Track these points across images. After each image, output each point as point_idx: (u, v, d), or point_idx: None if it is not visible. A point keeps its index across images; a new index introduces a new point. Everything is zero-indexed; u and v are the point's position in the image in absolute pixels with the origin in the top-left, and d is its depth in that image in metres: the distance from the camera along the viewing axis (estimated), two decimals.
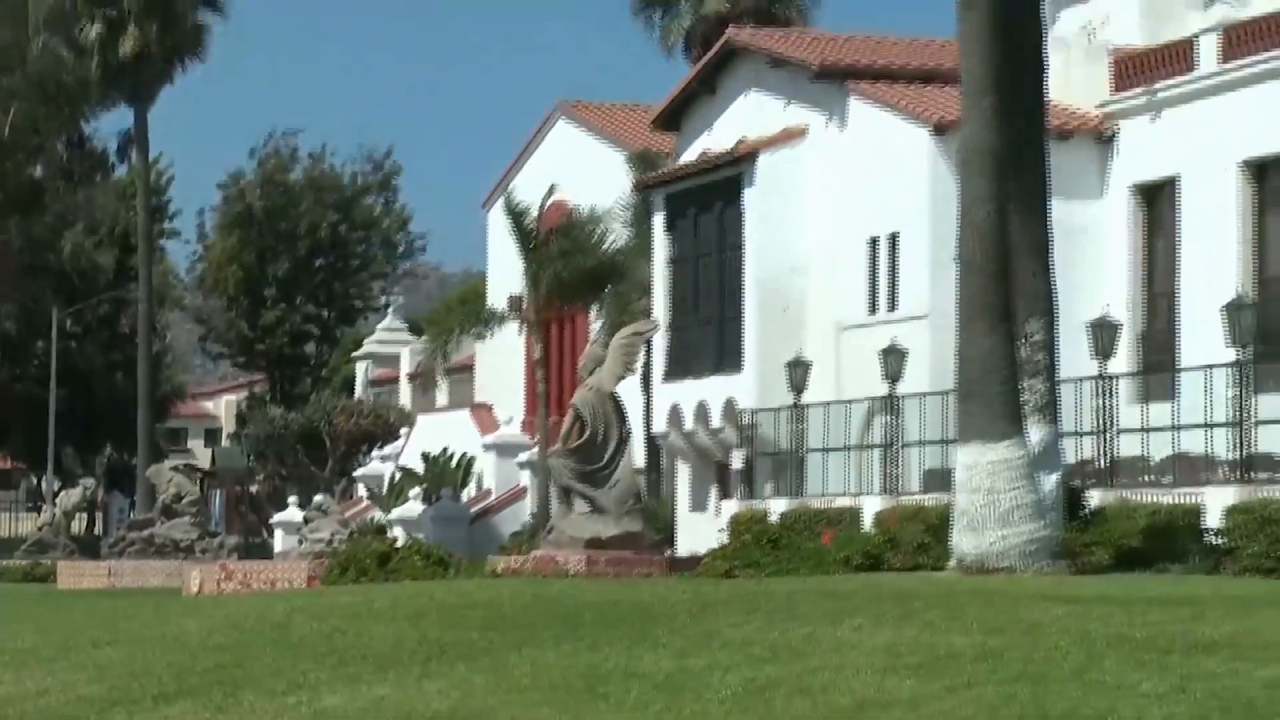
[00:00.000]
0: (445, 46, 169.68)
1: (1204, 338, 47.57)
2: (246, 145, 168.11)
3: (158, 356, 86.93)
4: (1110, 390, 46.34)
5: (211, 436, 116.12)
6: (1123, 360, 49.20)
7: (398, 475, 73.22)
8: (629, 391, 46.14)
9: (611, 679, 15.91)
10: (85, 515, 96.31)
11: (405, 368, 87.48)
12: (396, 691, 16.58)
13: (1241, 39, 50.89)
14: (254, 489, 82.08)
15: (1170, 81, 52.46)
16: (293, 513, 69.76)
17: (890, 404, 50.44)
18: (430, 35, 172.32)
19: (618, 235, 65.09)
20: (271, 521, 74.45)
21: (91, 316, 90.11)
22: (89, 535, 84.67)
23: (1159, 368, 50.89)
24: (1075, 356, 41.75)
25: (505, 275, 70.61)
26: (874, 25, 70.72)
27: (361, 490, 77.97)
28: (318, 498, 60.92)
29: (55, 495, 77.58)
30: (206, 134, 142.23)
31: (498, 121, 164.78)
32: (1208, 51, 51.69)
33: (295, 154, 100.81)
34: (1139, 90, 53.22)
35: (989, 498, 29.28)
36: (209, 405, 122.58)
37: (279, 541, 69.46)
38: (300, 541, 54.92)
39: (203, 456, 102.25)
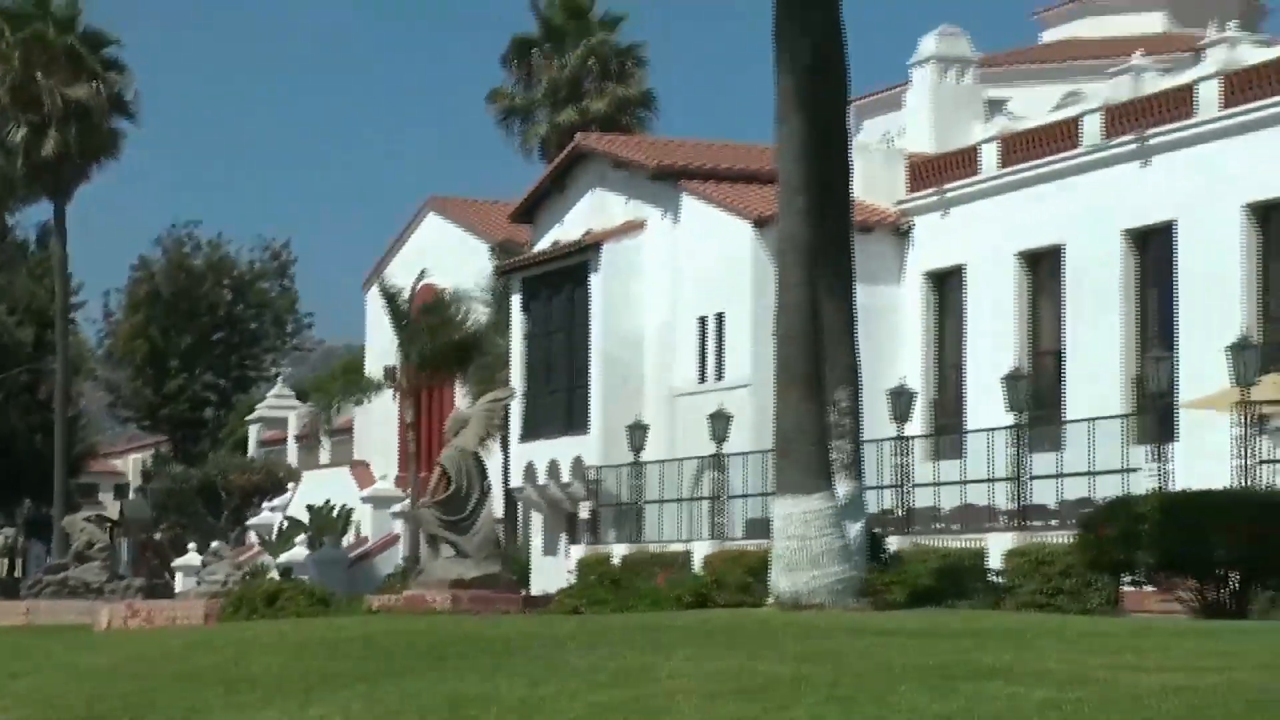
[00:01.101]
0: (331, 147, 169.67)
1: (987, 404, 48.01)
2: (147, 229, 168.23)
3: (72, 420, 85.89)
4: (907, 450, 46.65)
5: (120, 490, 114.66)
6: (917, 423, 49.58)
7: (285, 524, 72.63)
8: (489, 450, 46.06)
9: (473, 704, 15.83)
10: (6, 560, 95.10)
11: (292, 430, 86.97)
12: (282, 717, 16.44)
13: (1018, 147, 51.52)
14: (158, 537, 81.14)
15: (957, 183, 53.04)
16: (192, 557, 69.12)
17: (717, 461, 50.57)
18: (318, 137, 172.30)
19: (480, 314, 65.15)
20: (173, 565, 73.67)
21: (13, 385, 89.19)
22: (9, 578, 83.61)
23: (948, 430, 51.29)
24: (877, 420, 42.00)
25: (381, 349, 70.44)
26: (704, 131, 71.08)
27: (253, 537, 77.27)
28: (214, 544, 60.45)
29: None
30: (110, 218, 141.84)
31: (376, 213, 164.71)
32: (989, 157, 52.28)
33: (196, 242, 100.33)
34: (930, 190, 53.79)
35: (802, 543, 29.30)
36: (118, 463, 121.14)
37: (179, 583, 68.71)
38: (198, 583, 54.43)
39: (112, 508, 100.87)
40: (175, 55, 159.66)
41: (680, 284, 56.01)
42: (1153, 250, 47.62)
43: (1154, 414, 43.12)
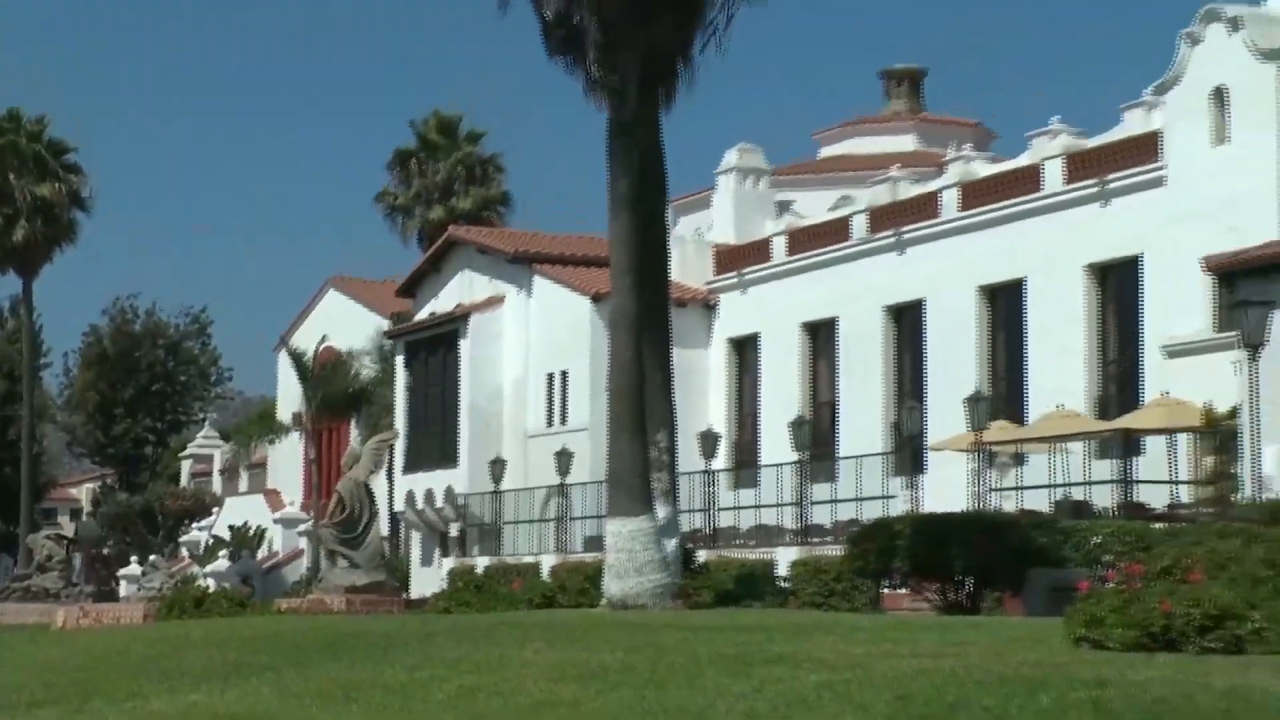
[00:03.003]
0: (252, 233, 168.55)
1: (776, 444, 48.38)
2: (97, 294, 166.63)
3: (36, 456, 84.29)
4: (713, 481, 46.89)
5: (75, 514, 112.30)
6: (721, 459, 49.80)
7: (211, 541, 71.73)
8: (377, 481, 45.76)
9: (362, 687, 15.71)
10: None
11: (217, 464, 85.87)
12: (206, 698, 16.23)
13: (801, 239, 52.03)
14: (105, 551, 79.31)
15: (753, 268, 53.45)
16: (134, 568, 67.88)
17: (562, 490, 50.57)
18: (240, 225, 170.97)
19: (370, 371, 64.79)
20: (118, 575, 72.39)
21: None
22: None
23: (746, 465, 51.58)
24: (689, 457, 42.10)
25: (290, 398, 69.77)
26: (552, 224, 71.22)
27: (184, 552, 76.14)
28: (152, 558, 59.60)
29: None
30: (70, 287, 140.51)
31: (287, 288, 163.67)
32: (779, 247, 52.74)
33: (136, 311, 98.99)
34: (732, 273, 54.14)
35: (629, 556, 29.29)
36: (73, 491, 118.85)
37: (123, 589, 67.40)
38: (139, 589, 53.55)
39: (68, 528, 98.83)
40: (126, 155, 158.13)
41: (532, 347, 56.01)
42: (906, 322, 48.21)
43: (907, 452, 43.61)
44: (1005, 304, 44.97)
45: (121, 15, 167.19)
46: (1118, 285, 41.95)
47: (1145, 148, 40.75)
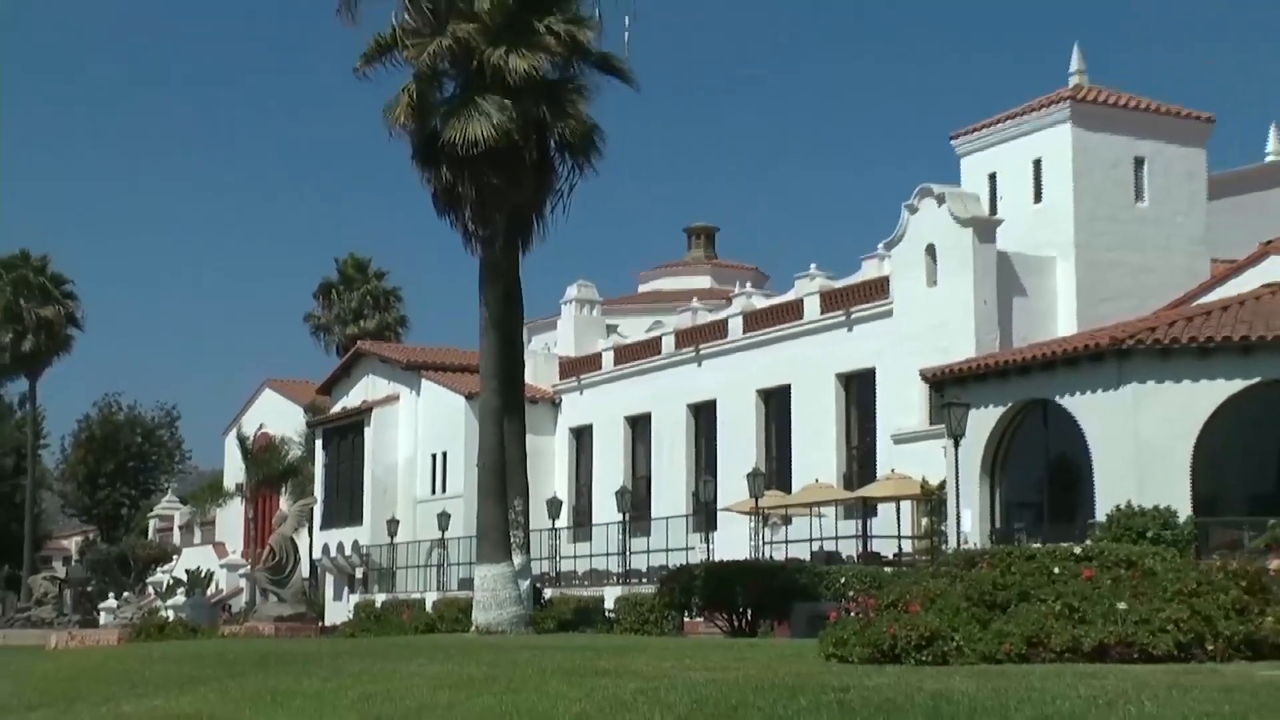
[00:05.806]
0: (208, 338, 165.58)
1: (605, 508, 48.29)
2: (87, 390, 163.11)
3: (36, 516, 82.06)
4: (556, 536, 46.68)
5: (66, 560, 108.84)
6: (564, 519, 49.63)
7: (172, 581, 69.98)
8: (301, 535, 44.98)
9: (285, 694, 15.34)
10: None
11: (177, 522, 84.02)
12: (164, 703, 15.75)
13: (624, 354, 52.25)
14: (89, 589, 77.09)
15: (589, 374, 53.56)
16: (111, 603, 65.82)
17: (442, 543, 50.05)
18: (200, 331, 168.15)
19: (296, 452, 63.96)
20: (99, 607, 70.19)
21: None
22: None
23: (582, 524, 51.42)
24: (539, 517, 42.00)
25: (235, 472, 68.56)
26: (437, 338, 70.62)
27: (151, 590, 74.12)
28: (125, 594, 58.10)
29: None
30: (66, 386, 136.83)
31: (234, 385, 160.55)
32: (608, 359, 52.92)
33: (120, 405, 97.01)
34: (572, 378, 54.20)
35: (493, 593, 29.08)
36: (65, 542, 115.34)
37: (102, 619, 65.18)
38: (115, 619, 52.04)
39: (61, 571, 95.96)
40: (114, 279, 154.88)
41: (420, 434, 55.60)
42: (703, 417, 48.49)
43: (703, 514, 43.76)
44: (776, 403, 45.45)
45: (105, 163, 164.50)
46: (859, 390, 42.59)
47: (878, 288, 41.56)
